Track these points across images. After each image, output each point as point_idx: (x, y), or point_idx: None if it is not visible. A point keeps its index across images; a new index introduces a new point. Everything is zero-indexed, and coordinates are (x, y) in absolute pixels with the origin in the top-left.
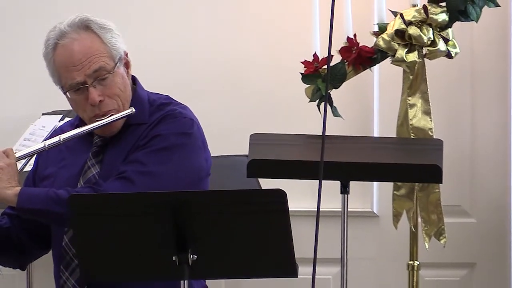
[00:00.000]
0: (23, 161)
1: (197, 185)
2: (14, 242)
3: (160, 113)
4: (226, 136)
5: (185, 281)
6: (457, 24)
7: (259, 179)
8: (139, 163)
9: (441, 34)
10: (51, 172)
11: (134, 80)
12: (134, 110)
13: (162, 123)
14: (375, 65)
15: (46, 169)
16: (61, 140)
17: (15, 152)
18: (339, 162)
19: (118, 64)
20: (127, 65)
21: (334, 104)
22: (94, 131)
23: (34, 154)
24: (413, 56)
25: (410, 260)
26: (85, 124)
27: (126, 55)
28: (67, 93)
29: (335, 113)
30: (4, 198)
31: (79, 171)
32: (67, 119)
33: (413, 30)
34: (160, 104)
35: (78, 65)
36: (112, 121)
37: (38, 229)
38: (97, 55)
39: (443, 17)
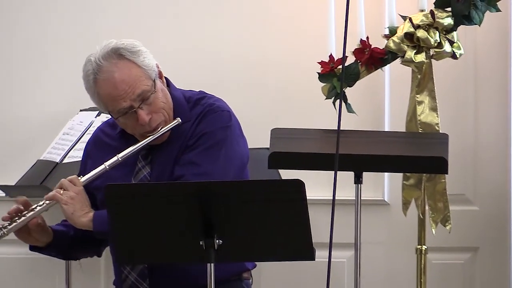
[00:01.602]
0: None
1: (243, 171)
2: (88, 236)
3: (199, 108)
4: (249, 130)
5: (211, 263)
6: (461, 28)
7: (279, 170)
8: (193, 165)
9: (447, 36)
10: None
11: (167, 82)
12: (180, 121)
13: (204, 120)
14: (386, 65)
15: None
16: (119, 159)
17: (80, 178)
18: (353, 155)
19: (155, 80)
20: (160, 75)
21: (348, 101)
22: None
23: (97, 176)
24: (421, 57)
25: (418, 245)
26: None
27: (158, 66)
28: (118, 118)
29: (349, 109)
30: (81, 225)
31: (129, 171)
32: (103, 115)
33: (421, 33)
34: (196, 99)
35: (123, 93)
36: (163, 133)
37: None
38: (137, 81)
39: (448, 21)
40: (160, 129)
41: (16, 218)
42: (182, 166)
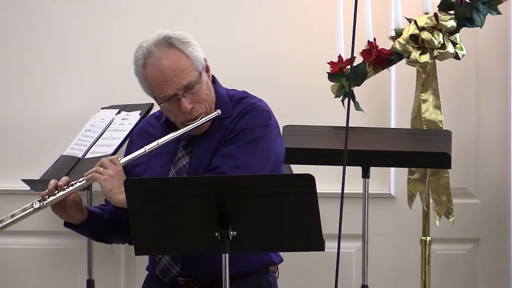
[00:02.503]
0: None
1: (277, 168)
2: (122, 223)
3: (240, 106)
4: None
5: (226, 254)
6: (464, 30)
7: (291, 165)
8: (231, 158)
9: (450, 38)
10: (142, 160)
11: (213, 79)
12: (220, 112)
13: (244, 118)
14: (392, 65)
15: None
16: (159, 144)
17: (120, 159)
18: (360, 150)
19: (201, 72)
20: (207, 69)
21: (356, 100)
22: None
23: (137, 159)
24: (425, 58)
25: (423, 236)
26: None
27: (205, 61)
28: (162, 104)
29: (357, 107)
30: (117, 203)
31: (170, 160)
32: (123, 113)
33: (425, 35)
34: (239, 98)
35: (169, 80)
36: (203, 123)
37: None
38: (184, 70)
39: (451, 23)
40: (200, 119)
41: (56, 191)
42: (219, 158)
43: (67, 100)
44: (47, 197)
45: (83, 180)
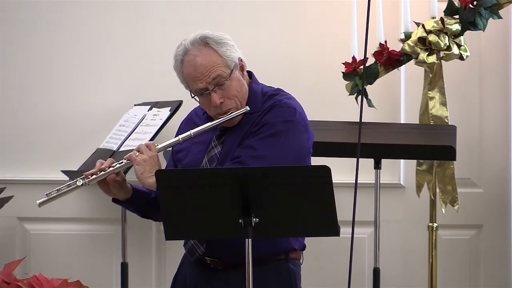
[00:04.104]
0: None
1: (299, 161)
2: None
3: (270, 102)
4: None
5: (249, 239)
6: (467, 33)
7: None
8: (252, 148)
9: (455, 40)
10: (185, 146)
11: (250, 75)
12: (248, 108)
13: (270, 112)
14: (401, 65)
15: (181, 144)
16: (192, 134)
17: (156, 145)
18: (373, 144)
19: (233, 70)
20: (242, 68)
21: (369, 97)
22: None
23: (171, 146)
24: (432, 59)
25: (430, 222)
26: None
27: (241, 60)
28: (195, 97)
29: (370, 104)
30: (147, 185)
31: (205, 148)
32: (154, 109)
33: (432, 38)
34: (270, 95)
35: (200, 75)
36: (231, 117)
37: None
38: (215, 66)
39: (456, 27)
40: (230, 114)
41: (98, 171)
42: (242, 148)
43: (103, 97)
44: (90, 176)
45: (122, 162)
